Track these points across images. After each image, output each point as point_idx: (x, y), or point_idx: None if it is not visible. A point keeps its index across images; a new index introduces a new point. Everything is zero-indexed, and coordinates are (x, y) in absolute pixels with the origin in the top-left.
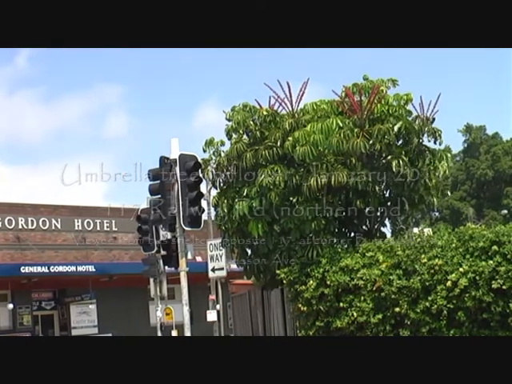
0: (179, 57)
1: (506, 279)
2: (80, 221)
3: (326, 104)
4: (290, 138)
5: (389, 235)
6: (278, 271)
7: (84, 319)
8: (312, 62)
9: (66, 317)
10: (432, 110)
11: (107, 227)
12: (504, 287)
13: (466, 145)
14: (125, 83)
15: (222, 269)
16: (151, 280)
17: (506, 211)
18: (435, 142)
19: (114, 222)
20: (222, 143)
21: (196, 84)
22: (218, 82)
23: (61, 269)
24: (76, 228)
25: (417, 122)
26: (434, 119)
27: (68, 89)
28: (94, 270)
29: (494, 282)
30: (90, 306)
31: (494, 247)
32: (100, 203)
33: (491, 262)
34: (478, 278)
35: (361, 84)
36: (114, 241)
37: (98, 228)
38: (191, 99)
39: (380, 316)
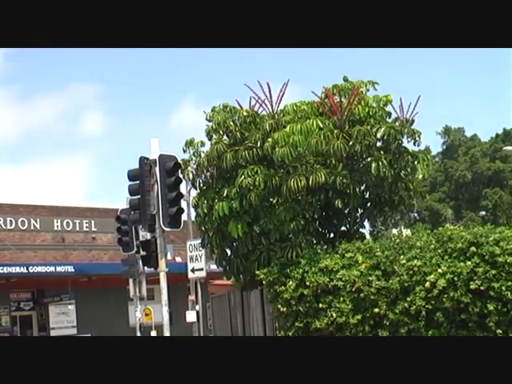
0: (156, 56)
1: (484, 280)
2: (59, 221)
3: (306, 105)
4: (270, 139)
5: (368, 236)
6: (257, 272)
7: (63, 320)
8: (292, 63)
9: (44, 317)
10: (412, 112)
11: (86, 227)
12: (482, 288)
13: (444, 146)
14: (101, 82)
15: (202, 269)
16: (130, 280)
17: (484, 212)
18: (414, 144)
19: (93, 222)
20: (202, 144)
21: (173, 84)
22: (195, 82)
23: (39, 269)
24: (55, 228)
25: (397, 124)
26: (413, 121)
27: (43, 88)
28: (73, 270)
29: (472, 282)
30: (69, 307)
31: (473, 248)
32: (80, 203)
33: (469, 263)
34: (456, 278)
35: (340, 85)
36: (94, 241)
37: (78, 228)
38: (168, 99)
39: (359, 317)
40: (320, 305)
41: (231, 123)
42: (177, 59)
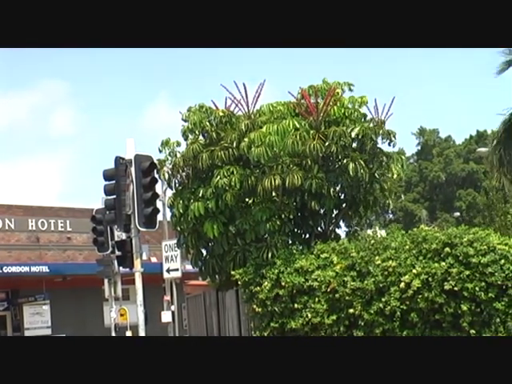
0: (128, 54)
1: (458, 281)
2: (34, 221)
3: (282, 105)
4: (246, 139)
5: (343, 237)
6: (233, 272)
7: (37, 320)
8: (268, 63)
9: (18, 318)
10: (386, 113)
11: (61, 227)
12: (456, 288)
13: (419, 147)
14: (71, 80)
15: (177, 270)
16: (105, 281)
17: (458, 213)
18: (389, 145)
19: (68, 222)
20: (178, 144)
21: (145, 83)
22: (168, 81)
23: (14, 269)
24: (30, 228)
25: (371, 125)
26: (384, 122)
27: (14, 85)
28: (47, 270)
29: (446, 283)
30: (44, 307)
31: (447, 249)
32: (54, 203)
33: (444, 263)
34: (430, 279)
35: (316, 86)
36: (68, 241)
37: (52, 228)
38: (140, 98)
39: (334, 317)
40: (295, 305)
41: (207, 123)
42: (149, 58)
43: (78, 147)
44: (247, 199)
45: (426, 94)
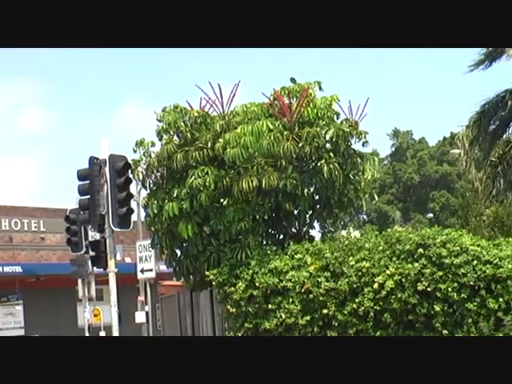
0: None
1: (431, 281)
2: (7, 220)
3: (256, 106)
4: (221, 140)
5: (317, 237)
6: (207, 273)
7: (10, 320)
8: (239, 64)
9: None
10: (361, 114)
11: (35, 227)
12: (429, 289)
13: (393, 149)
14: (42, 78)
15: (151, 270)
16: (79, 281)
17: (431, 215)
18: (363, 145)
19: (42, 222)
20: (153, 144)
21: (119, 82)
22: (140, 81)
23: None
24: (3, 228)
25: (345, 126)
26: (357, 122)
27: None
28: (20, 270)
29: (419, 284)
30: (17, 307)
31: (420, 250)
32: (28, 203)
33: (417, 264)
34: (404, 280)
35: (289, 87)
36: (42, 241)
37: (26, 228)
38: (114, 98)
39: (308, 317)
40: (269, 306)
41: (182, 124)
42: (121, 57)
43: (50, 147)
44: (222, 200)
45: (400, 96)
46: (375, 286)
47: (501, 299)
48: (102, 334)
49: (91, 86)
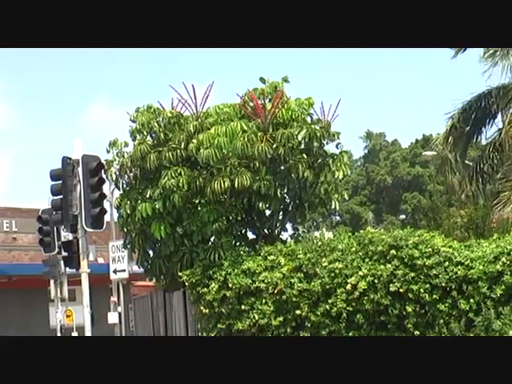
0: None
1: (403, 282)
2: None
3: (229, 107)
4: (195, 141)
5: (289, 239)
6: (180, 273)
7: None
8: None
9: None
10: (333, 115)
11: (7, 227)
12: (401, 290)
13: (366, 151)
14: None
15: (124, 270)
16: (52, 281)
17: (403, 216)
18: (337, 147)
19: (14, 222)
20: (126, 144)
21: (84, 82)
22: (107, 81)
23: None
24: None
25: (318, 127)
26: (330, 123)
27: None
28: None
29: (391, 285)
30: None
31: (392, 251)
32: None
33: (389, 265)
34: (376, 281)
35: (261, 88)
36: (14, 241)
37: None
38: (79, 98)
39: (281, 318)
40: (242, 306)
41: (155, 124)
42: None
43: (20, 146)
44: (195, 200)
45: (373, 98)
46: (348, 287)
47: (472, 300)
48: (75, 334)
49: (57, 86)
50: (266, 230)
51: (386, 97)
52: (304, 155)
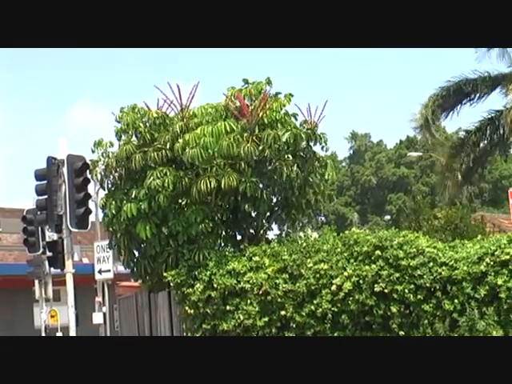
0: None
1: (388, 283)
2: None
3: (214, 108)
4: (181, 140)
5: (276, 239)
6: (165, 274)
7: None
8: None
9: None
10: (319, 116)
11: None
12: (386, 291)
13: (351, 151)
14: None
15: (109, 271)
16: (36, 282)
17: (388, 217)
18: (322, 148)
19: None
20: (111, 144)
21: (67, 83)
22: (90, 81)
23: None
24: None
25: (304, 128)
26: (317, 125)
27: None
28: None
29: (376, 285)
30: None
31: (377, 252)
32: None
33: (374, 266)
34: (361, 281)
35: (246, 89)
36: None
37: None
38: (62, 98)
39: (266, 319)
40: (227, 307)
41: (140, 124)
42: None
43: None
44: (180, 201)
45: (358, 99)
46: (333, 287)
47: (456, 301)
48: (59, 334)
49: (40, 86)
50: (251, 231)
51: (371, 98)
52: (290, 156)
